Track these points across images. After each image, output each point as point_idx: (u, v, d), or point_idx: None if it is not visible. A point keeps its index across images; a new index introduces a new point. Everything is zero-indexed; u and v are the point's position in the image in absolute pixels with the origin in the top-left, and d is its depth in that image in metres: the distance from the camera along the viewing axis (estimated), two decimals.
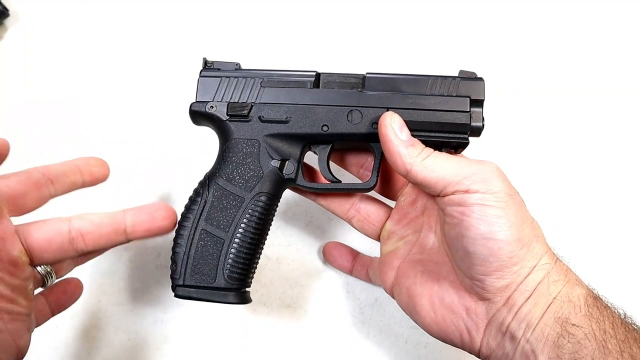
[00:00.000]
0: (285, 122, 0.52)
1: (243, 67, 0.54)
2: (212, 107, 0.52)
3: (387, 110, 0.51)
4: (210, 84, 0.53)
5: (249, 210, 0.51)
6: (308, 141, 0.53)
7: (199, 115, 0.53)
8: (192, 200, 0.51)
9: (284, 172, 0.52)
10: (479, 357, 0.47)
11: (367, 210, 0.57)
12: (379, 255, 0.58)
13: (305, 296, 0.66)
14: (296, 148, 0.53)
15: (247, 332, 0.65)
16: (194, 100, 0.53)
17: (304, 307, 0.66)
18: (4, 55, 0.76)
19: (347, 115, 0.52)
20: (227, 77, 0.53)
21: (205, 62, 0.54)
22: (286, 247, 0.68)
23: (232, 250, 0.50)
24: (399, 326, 0.65)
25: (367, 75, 0.53)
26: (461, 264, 0.46)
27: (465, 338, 0.46)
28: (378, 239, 0.57)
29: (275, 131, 0.52)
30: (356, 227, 0.57)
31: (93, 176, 0.50)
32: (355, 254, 0.65)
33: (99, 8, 0.78)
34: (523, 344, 0.42)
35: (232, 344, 0.64)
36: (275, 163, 0.52)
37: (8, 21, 0.76)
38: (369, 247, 0.67)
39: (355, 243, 0.67)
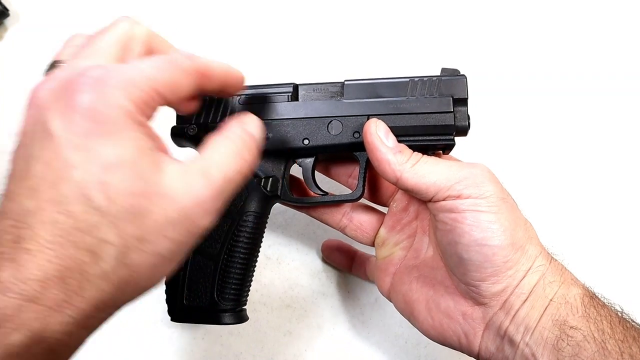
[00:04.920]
0: (266, 138, 0.51)
1: None
2: (192, 129, 0.52)
3: (368, 118, 0.49)
4: None
5: (237, 232, 0.51)
6: (291, 156, 0.52)
7: (180, 138, 0.53)
8: None
9: (268, 189, 0.52)
10: (478, 359, 0.47)
11: (360, 219, 0.56)
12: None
13: (305, 296, 0.66)
14: (279, 164, 0.52)
15: (247, 332, 0.65)
16: (175, 124, 0.53)
17: (304, 307, 0.66)
18: (4, 55, 0.76)
19: (327, 126, 0.51)
20: (206, 97, 0.52)
21: None
22: (286, 247, 0.68)
23: (224, 272, 0.50)
24: (399, 326, 0.65)
25: (346, 82, 0.51)
26: (456, 270, 0.46)
27: (463, 342, 0.46)
28: (373, 245, 0.57)
29: None
30: (350, 236, 0.57)
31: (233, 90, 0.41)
32: (354, 252, 0.64)
33: (98, 8, 0.78)
34: (522, 347, 0.43)
35: (232, 344, 0.65)
36: (259, 181, 0.51)
37: (8, 21, 0.76)
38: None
39: (355, 241, 0.67)
